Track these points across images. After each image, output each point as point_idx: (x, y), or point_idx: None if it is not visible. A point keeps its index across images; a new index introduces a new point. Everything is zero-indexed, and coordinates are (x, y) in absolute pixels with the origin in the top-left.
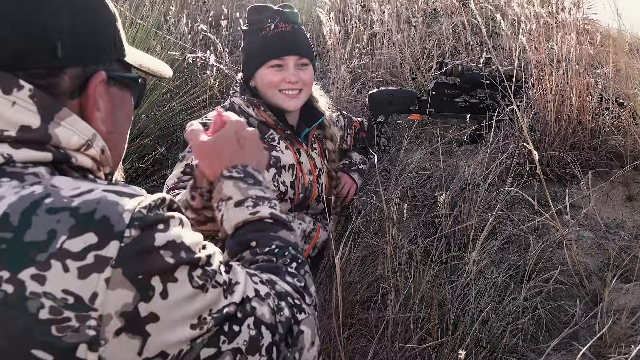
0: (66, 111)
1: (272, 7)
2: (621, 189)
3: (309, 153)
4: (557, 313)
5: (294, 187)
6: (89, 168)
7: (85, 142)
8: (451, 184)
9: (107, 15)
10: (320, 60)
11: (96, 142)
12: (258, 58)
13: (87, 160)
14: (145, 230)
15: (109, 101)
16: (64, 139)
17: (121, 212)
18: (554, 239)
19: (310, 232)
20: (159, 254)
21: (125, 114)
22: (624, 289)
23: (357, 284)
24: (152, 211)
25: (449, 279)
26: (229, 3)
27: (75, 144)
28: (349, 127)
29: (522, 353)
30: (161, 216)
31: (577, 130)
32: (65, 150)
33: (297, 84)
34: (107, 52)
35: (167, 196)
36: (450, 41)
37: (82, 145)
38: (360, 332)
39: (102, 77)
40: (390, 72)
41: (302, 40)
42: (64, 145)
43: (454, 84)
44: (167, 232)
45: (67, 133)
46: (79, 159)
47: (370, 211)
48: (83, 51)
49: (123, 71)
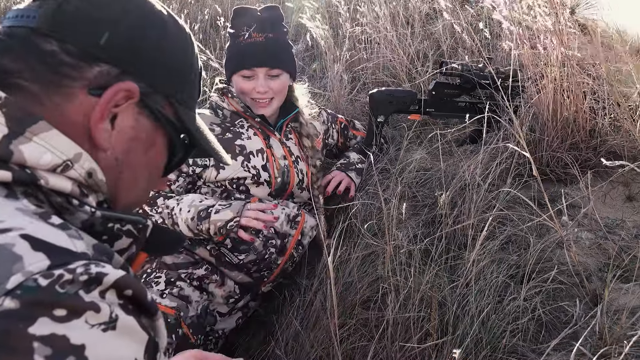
0: (44, 125)
1: (253, 12)
2: (621, 189)
3: (283, 141)
4: (557, 313)
5: (267, 170)
6: (69, 192)
7: (63, 162)
8: (451, 184)
9: (187, 54)
10: (320, 60)
11: (79, 163)
12: (232, 65)
13: (65, 184)
14: (29, 308)
15: (131, 127)
16: (31, 157)
17: (13, 271)
18: (553, 239)
19: (296, 217)
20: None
21: (146, 156)
22: (624, 289)
23: (356, 284)
24: (64, 287)
25: (448, 279)
26: (228, 3)
27: (47, 164)
28: (333, 122)
29: (522, 353)
30: (70, 301)
31: (575, 131)
32: (33, 171)
33: (267, 93)
34: (162, 81)
35: (119, 279)
36: (448, 41)
37: (57, 165)
38: (360, 332)
39: (133, 89)
40: (390, 73)
41: (274, 51)
42: (32, 164)
43: (454, 84)
44: (62, 324)
45: (37, 150)
46: (50, 181)
47: (370, 211)
48: (130, 56)
49: (172, 116)
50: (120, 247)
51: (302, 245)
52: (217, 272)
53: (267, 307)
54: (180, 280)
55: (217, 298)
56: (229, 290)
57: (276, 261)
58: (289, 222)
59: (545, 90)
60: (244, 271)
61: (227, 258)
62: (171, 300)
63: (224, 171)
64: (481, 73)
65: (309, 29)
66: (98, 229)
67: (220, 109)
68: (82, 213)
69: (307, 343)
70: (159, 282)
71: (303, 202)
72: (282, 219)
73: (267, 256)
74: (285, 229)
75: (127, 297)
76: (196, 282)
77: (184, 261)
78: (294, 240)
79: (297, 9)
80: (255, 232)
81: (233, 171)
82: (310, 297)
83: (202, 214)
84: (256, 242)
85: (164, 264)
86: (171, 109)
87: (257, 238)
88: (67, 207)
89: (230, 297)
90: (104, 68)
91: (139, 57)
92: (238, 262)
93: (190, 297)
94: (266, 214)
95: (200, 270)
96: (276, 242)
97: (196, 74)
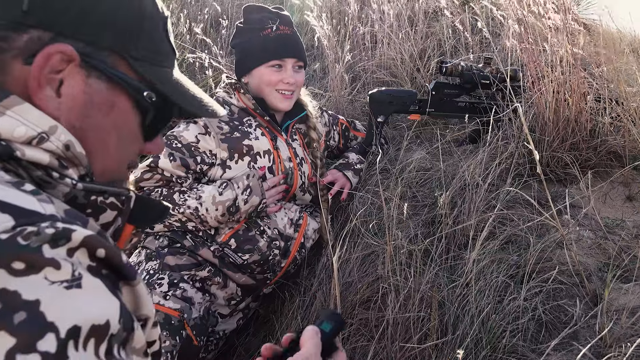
0: (15, 99)
1: (270, 9)
2: (621, 189)
3: (289, 142)
4: (557, 313)
5: (273, 172)
6: (46, 165)
7: (37, 134)
8: (451, 184)
9: (133, 2)
10: (320, 60)
11: (55, 136)
12: (258, 57)
13: (42, 156)
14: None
15: (83, 92)
16: (4, 130)
17: None
18: (553, 239)
19: (298, 220)
20: None
21: (109, 119)
22: (624, 289)
23: (357, 284)
24: (28, 239)
25: (448, 279)
26: (228, 3)
27: (22, 136)
28: (334, 124)
29: (522, 353)
30: (30, 254)
31: (576, 131)
32: (8, 142)
33: (293, 85)
34: (105, 37)
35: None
36: (450, 41)
37: (31, 137)
38: (360, 332)
39: (66, 50)
40: (390, 73)
41: (300, 45)
42: (6, 136)
43: (454, 84)
44: (17, 278)
45: (10, 123)
46: (27, 153)
47: (370, 211)
48: (57, 16)
49: (129, 74)
50: (106, 220)
51: (305, 248)
52: (220, 275)
53: (268, 307)
54: (183, 281)
55: (218, 299)
56: (231, 292)
57: (280, 264)
58: (292, 225)
59: (546, 89)
60: (247, 272)
61: (231, 259)
62: (175, 302)
63: (230, 170)
64: (481, 73)
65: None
66: (81, 201)
67: (228, 105)
68: (64, 186)
69: None
70: (162, 283)
71: (305, 204)
72: (285, 222)
73: (271, 257)
74: (289, 232)
75: (100, 259)
76: (199, 284)
77: (186, 263)
78: (297, 243)
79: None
80: (259, 233)
81: (239, 171)
82: (310, 297)
83: (232, 209)
84: (260, 242)
85: (167, 265)
86: (127, 66)
87: (261, 238)
88: (48, 181)
89: (232, 299)
90: (33, 34)
91: (67, 15)
92: (242, 263)
93: (193, 299)
94: (279, 185)
95: (203, 272)
96: (280, 244)
97: (153, 22)
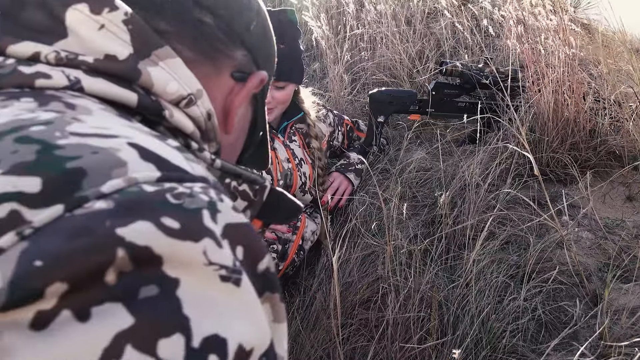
0: (169, 51)
1: None
2: (621, 189)
3: (287, 144)
4: (557, 313)
5: (270, 173)
6: (190, 134)
7: (187, 95)
8: (451, 184)
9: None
10: (319, 60)
11: (202, 101)
12: None
13: (187, 122)
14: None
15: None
16: (158, 82)
17: (112, 175)
18: (553, 239)
19: (296, 222)
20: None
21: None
22: (624, 289)
23: (357, 284)
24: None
25: (448, 279)
26: None
27: (173, 93)
28: (339, 124)
29: (522, 353)
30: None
31: (575, 131)
32: (158, 98)
33: (271, 103)
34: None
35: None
36: (449, 41)
37: (182, 97)
38: (360, 332)
39: (265, 80)
40: (390, 73)
41: (285, 62)
42: (157, 90)
43: (454, 84)
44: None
45: (164, 76)
46: (175, 115)
47: (370, 211)
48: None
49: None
50: None
51: (304, 250)
52: None
53: None
54: None
55: None
56: None
57: (277, 267)
58: (290, 227)
59: (546, 90)
60: None
61: None
62: None
63: None
64: (481, 73)
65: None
66: None
67: None
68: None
69: (307, 343)
70: None
71: (306, 205)
72: (283, 225)
73: None
74: (286, 234)
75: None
76: None
77: None
78: (295, 246)
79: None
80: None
81: None
82: (310, 297)
83: None
84: None
85: None
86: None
87: None
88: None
89: None
90: (245, 54)
91: (264, 47)
92: None
93: None
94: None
95: None
96: (277, 248)
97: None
